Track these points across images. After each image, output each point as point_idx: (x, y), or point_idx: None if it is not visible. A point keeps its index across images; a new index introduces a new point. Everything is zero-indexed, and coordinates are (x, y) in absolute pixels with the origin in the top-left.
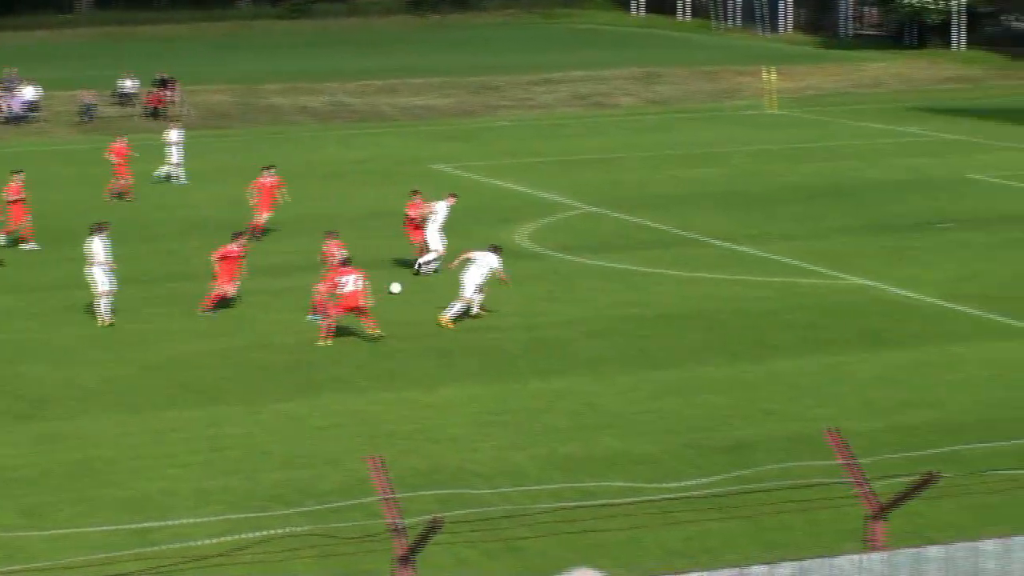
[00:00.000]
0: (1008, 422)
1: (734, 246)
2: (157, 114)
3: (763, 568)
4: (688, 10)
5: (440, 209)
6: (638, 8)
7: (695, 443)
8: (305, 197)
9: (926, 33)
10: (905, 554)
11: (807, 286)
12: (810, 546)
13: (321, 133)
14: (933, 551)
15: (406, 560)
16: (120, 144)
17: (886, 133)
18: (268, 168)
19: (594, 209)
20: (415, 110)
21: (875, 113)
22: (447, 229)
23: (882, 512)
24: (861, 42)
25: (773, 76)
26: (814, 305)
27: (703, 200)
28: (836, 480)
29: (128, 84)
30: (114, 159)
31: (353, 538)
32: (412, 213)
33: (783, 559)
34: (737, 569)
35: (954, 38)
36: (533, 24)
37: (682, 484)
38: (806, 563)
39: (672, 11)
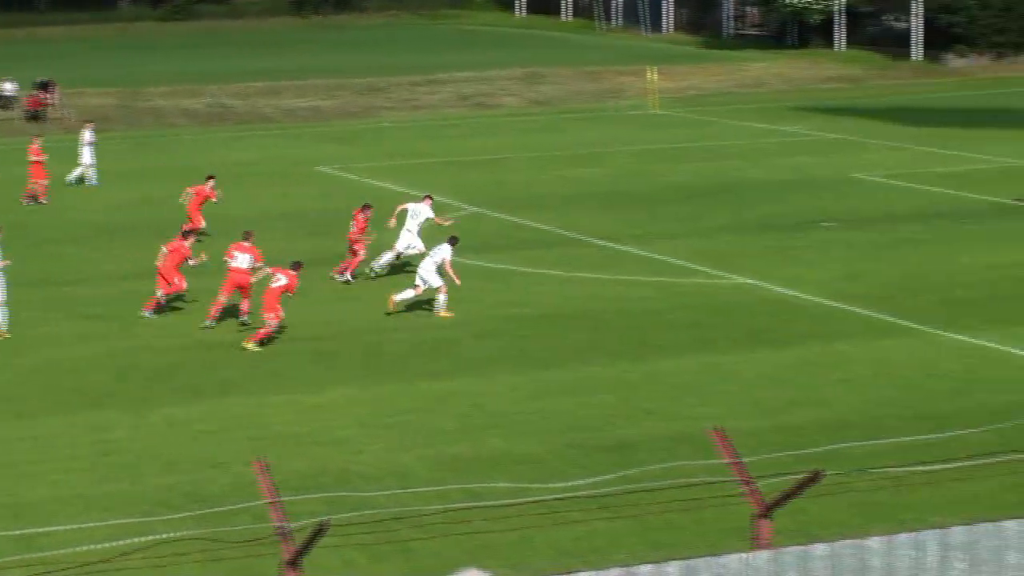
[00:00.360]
0: (893, 420)
1: (618, 246)
2: (37, 117)
3: (650, 568)
4: (571, 10)
5: (421, 211)
6: (521, 9)
7: (580, 443)
8: None
9: (807, 33)
10: (791, 552)
11: (691, 285)
12: (697, 545)
13: (204, 136)
14: (819, 549)
15: (294, 563)
16: (34, 146)
17: (769, 132)
18: (211, 177)
19: (478, 210)
20: (299, 112)
21: (757, 113)
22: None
23: (768, 510)
24: (743, 42)
25: (656, 76)
26: (698, 304)
27: (587, 200)
28: (722, 479)
29: (8, 87)
30: (32, 158)
31: (240, 542)
32: (362, 226)
33: (670, 558)
34: (625, 569)
35: (835, 38)
36: (416, 25)
37: (568, 484)
38: (692, 562)
39: (555, 11)
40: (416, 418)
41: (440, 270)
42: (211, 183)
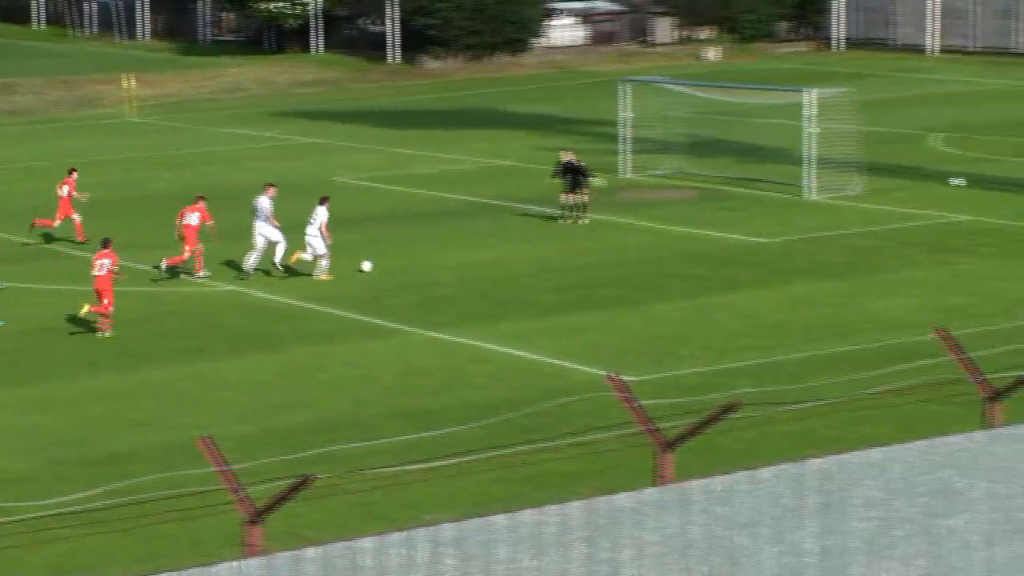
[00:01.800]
0: (381, 420)
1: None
2: None
3: None
4: (42, 18)
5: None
6: None
7: (67, 458)
8: None
9: (285, 37)
10: (283, 557)
11: (176, 294)
12: (191, 555)
13: None
14: (310, 552)
15: None
16: None
17: (250, 138)
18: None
19: None
20: None
21: (238, 118)
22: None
23: (258, 516)
24: (221, 47)
25: (133, 83)
26: (184, 312)
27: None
28: (215, 487)
29: None
30: None
31: None
32: (196, 219)
33: (161, 570)
34: None
35: (313, 42)
36: None
37: (57, 500)
38: (183, 573)
39: (25, 20)
40: None
41: (320, 233)
42: (75, 175)
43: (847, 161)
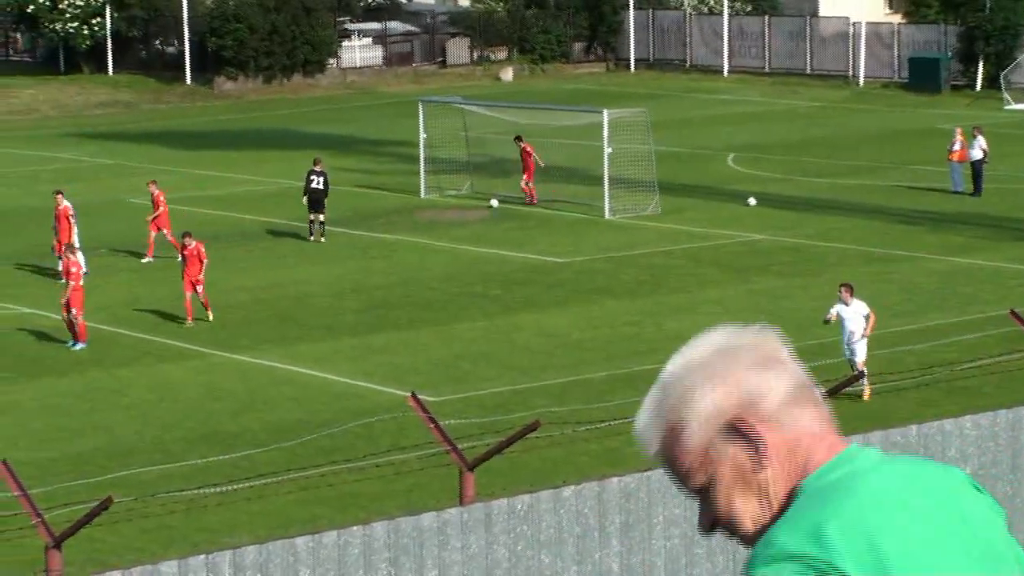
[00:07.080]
0: (179, 443)
1: None
2: None
3: None
4: None
5: None
6: None
7: None
8: None
9: (77, 58)
10: None
11: None
12: None
13: None
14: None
15: None
16: None
17: (44, 160)
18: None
19: None
20: None
21: (30, 140)
22: None
23: (59, 541)
24: (11, 68)
25: None
26: None
27: None
28: (13, 512)
29: None
30: None
31: None
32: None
33: None
34: None
35: (107, 63)
36: None
37: None
38: None
39: None
40: None
41: None
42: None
43: (643, 181)
